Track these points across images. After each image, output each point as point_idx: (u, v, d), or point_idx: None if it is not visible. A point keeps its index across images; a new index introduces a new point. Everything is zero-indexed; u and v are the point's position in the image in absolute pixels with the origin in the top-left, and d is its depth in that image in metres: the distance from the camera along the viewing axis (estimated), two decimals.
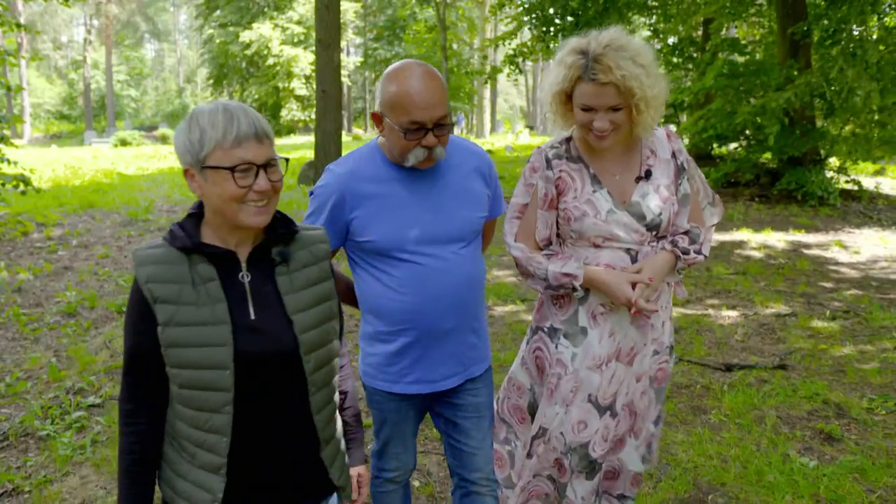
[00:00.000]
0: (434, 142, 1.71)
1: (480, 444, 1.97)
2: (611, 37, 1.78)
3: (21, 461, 3.04)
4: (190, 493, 1.36)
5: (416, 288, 1.79)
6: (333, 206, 1.78)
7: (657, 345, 1.98)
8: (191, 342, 1.29)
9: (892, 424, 3.37)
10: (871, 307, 5.20)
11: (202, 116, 1.30)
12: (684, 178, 1.96)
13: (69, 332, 4.75)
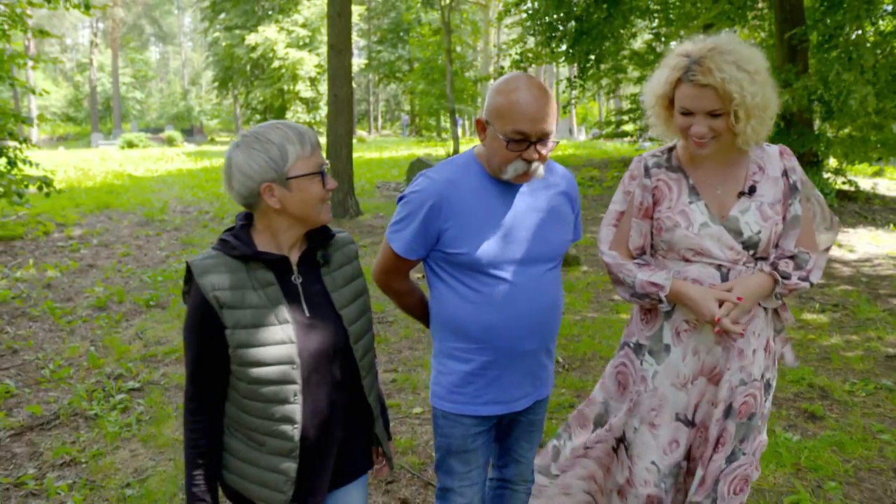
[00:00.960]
0: (535, 156, 1.68)
1: (527, 453, 2.01)
2: (718, 40, 1.73)
3: (74, 437, 3.33)
4: (263, 478, 1.48)
5: (502, 306, 1.74)
6: (428, 212, 1.72)
7: (745, 374, 1.81)
8: (259, 342, 1.41)
9: (871, 405, 3.65)
10: (860, 301, 5.48)
11: (272, 136, 1.43)
12: (796, 198, 1.83)
13: (102, 323, 5.05)
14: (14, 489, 2.87)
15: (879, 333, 4.77)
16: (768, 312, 1.85)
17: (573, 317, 5.12)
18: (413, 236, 1.73)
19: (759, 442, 1.90)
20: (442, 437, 1.85)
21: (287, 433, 1.45)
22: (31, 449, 3.22)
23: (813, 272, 1.83)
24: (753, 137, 1.74)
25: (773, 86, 1.74)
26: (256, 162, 1.41)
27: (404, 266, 1.82)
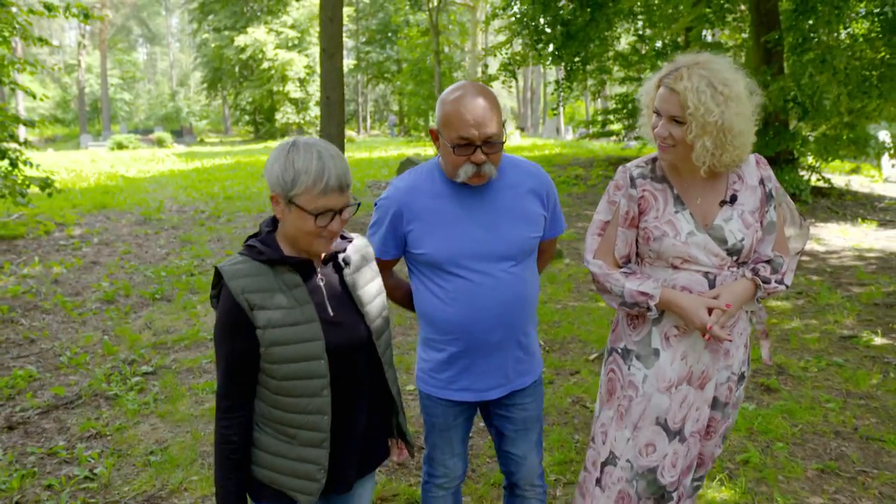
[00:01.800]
0: (482, 158, 1.77)
1: (527, 453, 2.08)
2: (709, 58, 1.77)
3: (97, 414, 3.64)
4: (296, 468, 1.56)
5: (465, 302, 1.86)
6: (392, 217, 1.89)
7: (728, 370, 1.92)
8: (289, 340, 1.49)
9: (822, 379, 4.03)
10: (822, 289, 5.88)
11: (298, 157, 1.46)
12: (771, 205, 1.89)
13: (112, 315, 5.35)
14: (48, 458, 3.18)
15: (837, 318, 5.16)
16: (747, 313, 1.95)
17: (555, 305, 5.49)
18: (383, 239, 1.91)
19: (727, 426, 2.03)
20: (427, 415, 2.05)
21: (318, 424, 1.53)
22: (59, 425, 3.52)
23: (787, 275, 1.90)
24: (705, 156, 1.76)
25: (746, 115, 1.76)
26: (275, 171, 1.48)
27: (383, 265, 1.92)
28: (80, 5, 8.76)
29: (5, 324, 5.10)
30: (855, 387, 3.92)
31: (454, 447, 2.06)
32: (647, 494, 1.92)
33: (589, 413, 3.62)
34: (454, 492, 2.15)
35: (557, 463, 3.08)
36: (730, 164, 1.80)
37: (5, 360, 4.38)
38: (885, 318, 5.12)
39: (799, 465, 3.10)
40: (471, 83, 1.84)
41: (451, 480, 2.10)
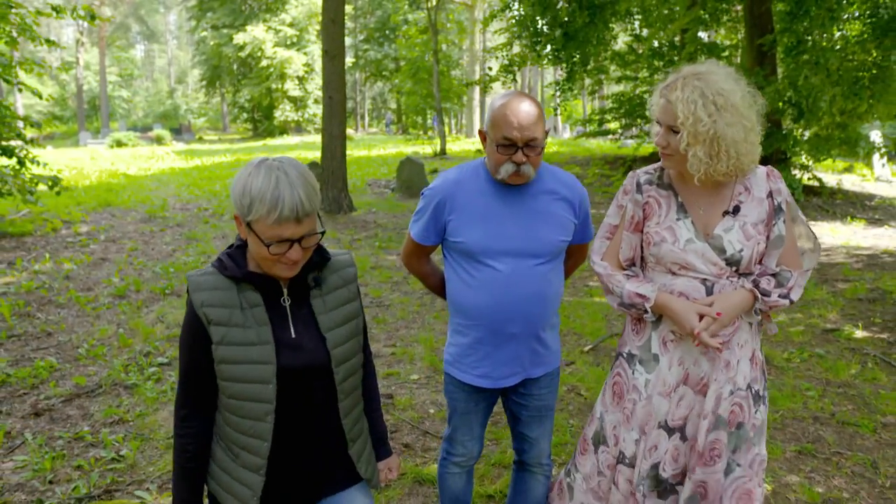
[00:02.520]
0: (522, 159, 1.91)
1: (539, 437, 2.24)
2: (708, 69, 1.81)
3: (118, 401, 3.84)
4: (233, 488, 1.55)
5: (491, 291, 1.99)
6: (436, 206, 2.04)
7: (731, 385, 1.87)
8: (239, 359, 1.47)
9: (803, 369, 4.26)
10: (808, 284, 6.10)
11: (256, 182, 1.40)
12: (780, 219, 1.87)
13: (125, 309, 5.55)
14: (74, 442, 3.38)
15: (821, 312, 5.39)
16: (752, 326, 1.91)
17: None
18: (425, 225, 2.08)
19: (755, 455, 1.91)
20: (450, 398, 2.20)
21: (258, 449, 1.51)
22: (83, 412, 3.73)
23: (794, 290, 1.88)
24: (698, 165, 1.79)
25: (743, 126, 1.77)
26: (235, 192, 1.43)
27: (422, 251, 2.16)
28: (86, 7, 8.94)
29: (22, 318, 5.29)
30: (835, 376, 4.15)
31: (473, 430, 2.22)
32: (650, 490, 1.94)
33: (583, 400, 3.83)
34: (468, 471, 2.32)
35: (553, 445, 3.29)
36: (727, 173, 1.82)
37: (26, 352, 4.58)
38: (867, 313, 5.35)
39: (778, 447, 3.31)
40: (519, 92, 1.99)
41: (468, 460, 2.26)
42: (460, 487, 2.33)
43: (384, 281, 6.44)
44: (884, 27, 10.48)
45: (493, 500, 2.85)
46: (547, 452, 2.28)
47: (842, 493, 2.94)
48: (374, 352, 4.62)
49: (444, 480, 2.32)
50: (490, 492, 2.88)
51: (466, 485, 2.35)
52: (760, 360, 1.95)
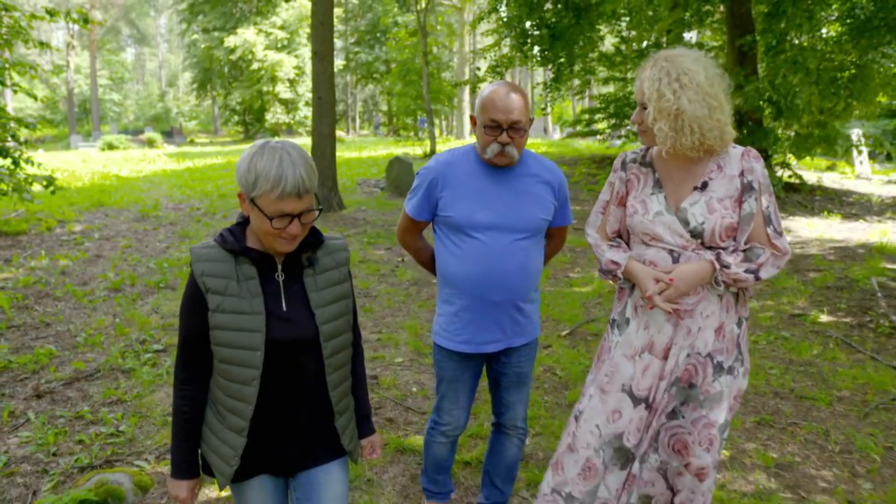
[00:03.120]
0: (506, 140, 2.12)
1: (516, 402, 2.43)
2: (677, 52, 1.96)
3: (116, 384, 4.03)
4: (218, 447, 1.66)
5: (476, 261, 2.18)
6: (429, 184, 2.25)
7: (690, 349, 1.99)
8: (232, 326, 1.58)
9: (769, 350, 4.49)
10: (780, 275, 6.35)
11: (261, 160, 1.52)
12: (750, 197, 1.95)
13: (121, 302, 5.72)
14: (76, 420, 3.57)
15: (791, 299, 5.63)
16: (723, 299, 1.99)
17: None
18: (419, 202, 2.28)
19: (700, 415, 2.00)
20: (438, 368, 2.37)
21: (242, 412, 1.61)
22: (82, 393, 3.91)
23: (764, 268, 1.95)
24: (664, 139, 1.93)
25: (707, 103, 1.89)
26: (240, 170, 1.55)
27: (416, 226, 2.36)
28: (80, 10, 9.10)
29: (21, 310, 5.46)
30: (797, 356, 4.38)
31: (460, 400, 2.38)
32: (612, 461, 2.03)
33: (558, 379, 4.05)
34: (453, 440, 2.48)
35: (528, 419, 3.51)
36: (693, 148, 1.93)
37: (26, 341, 4.75)
38: (834, 300, 5.60)
39: (739, 418, 3.54)
40: (507, 81, 2.20)
41: (454, 430, 2.43)
42: (443, 455, 2.51)
43: (372, 273, 6.64)
44: (860, 27, 10.78)
45: (469, 466, 3.06)
46: (522, 416, 2.47)
47: (794, 458, 3.16)
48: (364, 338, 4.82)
49: (430, 448, 2.50)
50: (467, 459, 3.09)
51: (450, 452, 2.52)
52: (733, 334, 2.02)
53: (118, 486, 2.74)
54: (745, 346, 2.09)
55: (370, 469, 3.04)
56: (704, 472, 2.06)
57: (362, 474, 2.98)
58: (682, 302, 1.96)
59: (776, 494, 2.85)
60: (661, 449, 2.07)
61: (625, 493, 2.07)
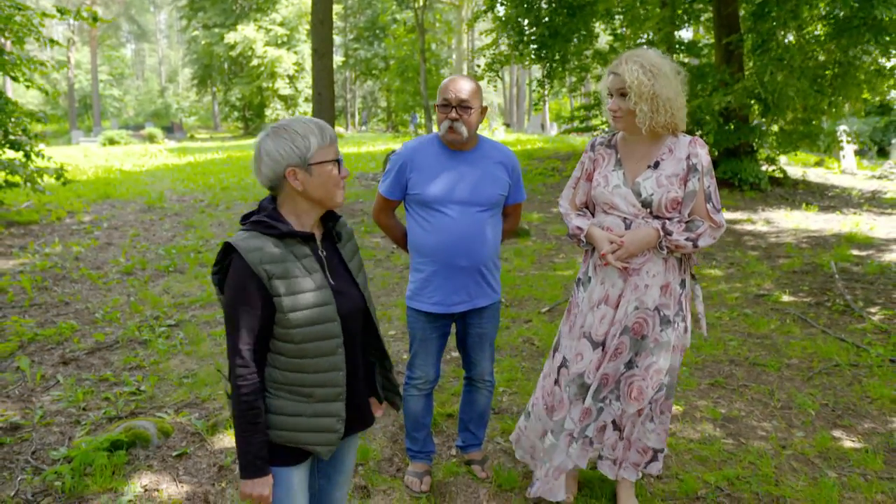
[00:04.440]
0: (455, 116, 2.45)
1: (481, 359, 2.78)
2: (641, 51, 2.37)
3: (135, 353, 4.43)
4: (313, 424, 1.68)
5: (442, 232, 2.51)
6: (400, 167, 2.58)
7: (638, 302, 2.36)
8: (309, 304, 1.62)
9: (730, 325, 4.91)
10: (752, 260, 6.76)
11: (297, 128, 1.64)
12: (694, 177, 2.32)
13: (133, 283, 6.13)
14: (100, 382, 3.98)
15: (758, 282, 6.05)
16: (667, 262, 2.37)
17: (518, 273, 6.34)
18: (391, 183, 2.62)
19: (651, 362, 2.38)
20: (411, 329, 2.70)
21: (335, 380, 1.68)
22: (104, 361, 4.32)
23: (702, 237, 2.32)
24: (644, 118, 2.29)
25: (675, 89, 2.29)
26: (284, 148, 1.62)
27: (388, 205, 2.69)
28: (88, 8, 9.48)
29: (41, 291, 5.87)
30: (756, 330, 4.80)
31: (430, 356, 2.71)
32: (576, 396, 2.42)
33: (535, 348, 4.46)
34: (427, 394, 2.78)
35: (506, 381, 3.93)
36: (665, 125, 2.30)
37: (48, 317, 5.15)
38: (797, 282, 6.02)
39: (695, 381, 3.95)
40: (461, 74, 2.61)
41: (426, 384, 2.73)
42: (419, 410, 2.79)
43: (368, 258, 7.05)
44: (840, 26, 11.15)
45: (451, 417, 3.47)
46: (489, 371, 2.84)
47: (740, 413, 3.58)
48: None
49: (406, 404, 2.79)
50: (450, 412, 3.51)
51: (425, 408, 2.79)
52: (677, 292, 2.42)
53: (145, 431, 3.16)
54: (686, 305, 2.49)
55: None
56: (643, 408, 2.48)
57: None
58: (631, 261, 2.35)
59: (718, 440, 3.27)
60: (622, 397, 2.44)
61: (580, 424, 2.47)
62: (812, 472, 2.98)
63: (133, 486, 2.81)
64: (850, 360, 4.24)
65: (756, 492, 2.82)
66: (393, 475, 2.95)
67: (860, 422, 3.47)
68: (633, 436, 2.57)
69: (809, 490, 2.82)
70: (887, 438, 3.28)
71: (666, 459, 3.06)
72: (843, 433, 3.35)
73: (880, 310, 5.20)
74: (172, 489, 2.82)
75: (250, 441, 1.60)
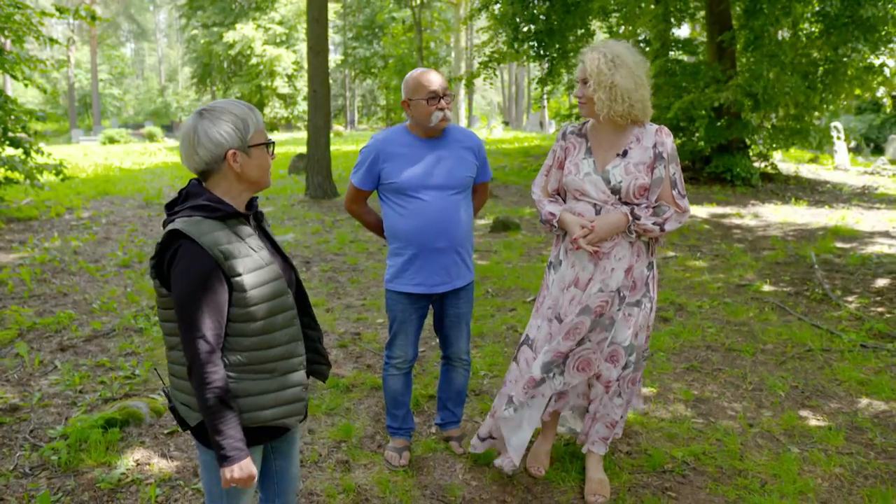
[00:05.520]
0: (445, 105, 2.60)
1: (458, 338, 2.90)
2: (610, 42, 2.47)
3: (130, 340, 4.58)
4: (279, 398, 1.71)
5: (419, 217, 2.62)
6: (371, 160, 2.68)
7: (603, 284, 2.47)
8: (265, 280, 1.65)
9: (710, 313, 5.04)
10: (735, 252, 6.90)
11: (233, 109, 1.66)
12: (660, 165, 2.43)
13: (130, 276, 6.27)
14: (97, 367, 4.11)
15: (741, 273, 6.18)
16: (633, 246, 2.49)
17: (506, 265, 6.48)
18: (364, 174, 2.72)
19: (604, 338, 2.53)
20: (391, 310, 2.81)
21: (296, 349, 1.74)
22: (101, 347, 4.46)
23: (668, 222, 2.45)
24: (602, 107, 2.40)
25: (636, 81, 2.40)
26: (225, 130, 1.62)
27: (361, 195, 2.79)
28: (87, 7, 9.61)
29: (41, 283, 6.01)
30: (734, 318, 4.93)
31: (409, 336, 2.82)
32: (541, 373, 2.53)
33: (518, 335, 4.60)
34: (406, 373, 2.89)
35: (489, 365, 4.07)
36: (624, 115, 2.40)
37: (47, 307, 5.29)
38: (779, 273, 6.15)
39: (671, 365, 4.09)
40: (423, 68, 2.70)
41: (405, 363, 2.85)
42: (399, 388, 2.91)
43: (360, 251, 7.19)
44: (829, 24, 11.27)
45: (433, 398, 3.61)
46: (465, 350, 2.96)
47: (712, 394, 3.72)
48: (348, 304, 5.38)
49: (386, 382, 2.91)
50: (432, 393, 3.65)
51: (404, 386, 2.90)
52: (643, 275, 2.54)
53: (138, 410, 3.30)
54: (653, 286, 2.62)
55: (349, 401, 3.59)
56: (610, 385, 2.63)
57: (342, 403, 3.54)
58: (601, 245, 2.47)
59: (689, 419, 3.40)
60: (566, 372, 2.56)
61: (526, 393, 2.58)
62: (776, 448, 3.12)
63: (126, 461, 2.95)
64: (822, 345, 4.37)
65: (720, 465, 2.96)
66: (374, 451, 3.09)
67: (827, 402, 3.61)
68: (599, 411, 2.71)
69: (771, 464, 2.96)
70: (851, 417, 3.42)
71: (636, 436, 3.20)
72: (809, 413, 3.49)
73: (857, 298, 5.33)
74: (163, 464, 2.96)
75: (227, 425, 1.57)
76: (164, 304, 1.67)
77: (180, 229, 1.57)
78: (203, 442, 1.71)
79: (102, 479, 2.80)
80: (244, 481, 1.60)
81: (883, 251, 6.93)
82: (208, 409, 1.56)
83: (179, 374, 1.69)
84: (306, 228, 8.60)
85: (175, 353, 1.69)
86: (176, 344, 1.67)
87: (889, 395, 3.65)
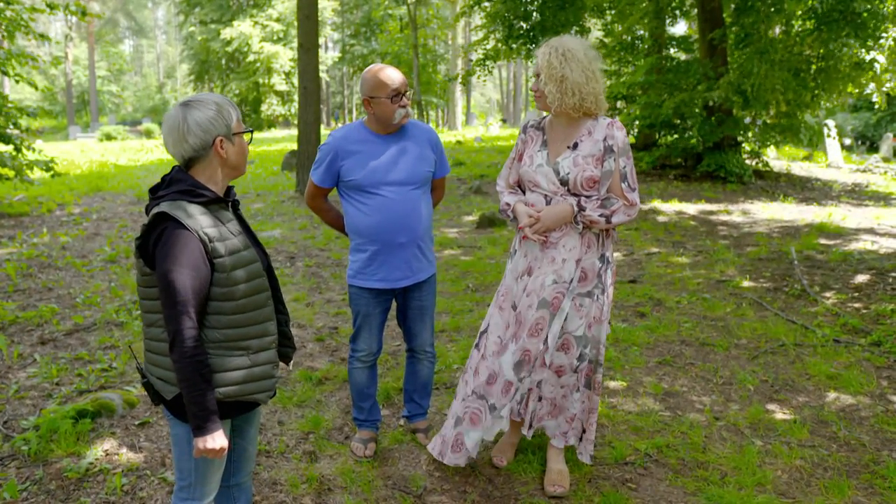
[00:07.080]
0: (406, 102, 2.65)
1: (422, 330, 2.94)
2: (564, 37, 2.53)
3: (111, 333, 4.61)
4: (253, 374, 1.80)
5: (380, 213, 2.65)
6: (331, 158, 2.70)
7: (556, 276, 2.52)
8: (244, 262, 1.76)
9: (688, 308, 5.08)
10: (719, 248, 6.93)
11: (216, 100, 1.78)
12: (610, 158, 2.49)
13: (116, 271, 6.30)
14: (76, 361, 4.15)
15: (723, 269, 6.21)
16: (584, 237, 2.55)
17: (489, 260, 6.52)
18: (323, 172, 2.73)
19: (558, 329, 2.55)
20: (354, 305, 2.85)
21: (269, 329, 1.85)
22: (81, 341, 4.49)
23: (616, 214, 2.50)
24: (553, 99, 2.49)
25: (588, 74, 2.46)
26: (214, 118, 1.73)
27: (321, 192, 2.82)
28: (78, 3, 9.64)
29: (26, 277, 6.04)
30: (711, 313, 4.97)
31: (373, 330, 2.87)
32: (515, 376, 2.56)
33: None
34: (371, 366, 2.94)
35: (462, 359, 4.10)
36: (575, 108, 2.48)
37: (31, 302, 5.33)
38: (760, 269, 6.19)
39: (644, 359, 4.13)
40: (380, 63, 2.75)
41: (368, 356, 2.90)
42: (364, 380, 2.95)
43: (344, 247, 7.22)
44: (821, 19, 11.28)
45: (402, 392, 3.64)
46: (430, 342, 3.00)
47: (681, 388, 3.75)
48: (329, 299, 5.42)
49: (351, 376, 2.95)
50: (400, 386, 3.68)
51: (369, 378, 2.95)
52: (595, 267, 2.59)
53: (110, 402, 3.34)
54: (605, 279, 2.66)
55: (321, 393, 3.63)
56: (563, 370, 2.67)
57: (313, 396, 3.58)
58: (549, 235, 2.55)
59: (656, 413, 3.44)
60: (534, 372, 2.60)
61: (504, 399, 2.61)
62: (739, 441, 3.16)
63: (95, 451, 2.99)
64: (796, 340, 4.41)
65: (682, 458, 3.00)
66: (341, 442, 3.12)
67: (795, 396, 3.65)
68: (557, 401, 2.74)
69: (733, 456, 3.00)
70: (818, 411, 3.46)
71: (601, 429, 3.24)
72: (776, 406, 3.53)
73: (835, 294, 5.37)
74: (132, 454, 3.00)
75: (205, 397, 1.67)
76: (145, 283, 1.75)
77: (167, 212, 1.67)
78: (177, 415, 1.80)
79: (70, 468, 2.84)
80: (217, 452, 1.70)
81: (865, 248, 6.97)
82: (188, 380, 1.66)
83: (157, 349, 1.77)
84: (294, 224, 8.63)
85: (154, 330, 1.76)
86: (155, 321, 1.75)
87: (857, 389, 3.69)
